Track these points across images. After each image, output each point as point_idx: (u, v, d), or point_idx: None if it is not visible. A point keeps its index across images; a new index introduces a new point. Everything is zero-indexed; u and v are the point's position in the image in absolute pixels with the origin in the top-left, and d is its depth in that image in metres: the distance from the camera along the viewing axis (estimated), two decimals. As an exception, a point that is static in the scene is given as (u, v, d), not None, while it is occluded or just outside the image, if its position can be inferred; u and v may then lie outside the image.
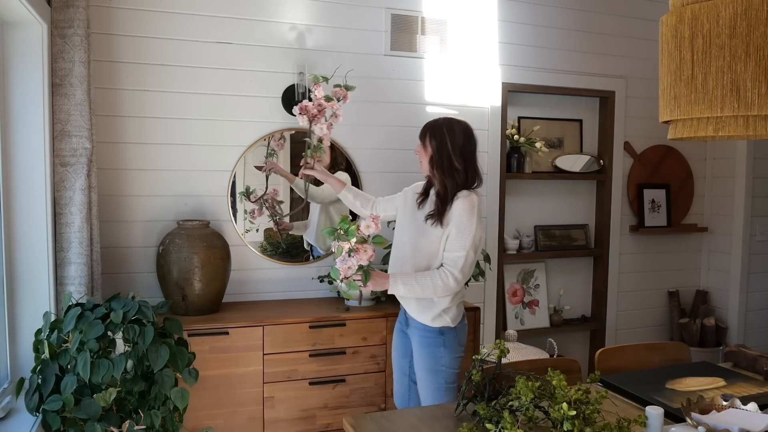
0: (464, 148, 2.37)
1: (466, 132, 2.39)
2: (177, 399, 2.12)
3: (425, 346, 2.38)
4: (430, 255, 2.35)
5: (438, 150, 2.36)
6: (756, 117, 1.40)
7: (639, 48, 3.95)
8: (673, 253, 4.22)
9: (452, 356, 2.38)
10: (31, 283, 2.29)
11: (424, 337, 2.39)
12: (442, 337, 2.37)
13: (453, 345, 2.38)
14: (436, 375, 2.37)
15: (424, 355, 2.38)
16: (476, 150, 2.42)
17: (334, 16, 3.21)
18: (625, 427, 1.58)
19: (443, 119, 2.43)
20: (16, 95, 2.24)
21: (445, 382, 2.37)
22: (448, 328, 2.37)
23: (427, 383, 2.39)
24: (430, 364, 2.38)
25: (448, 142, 2.35)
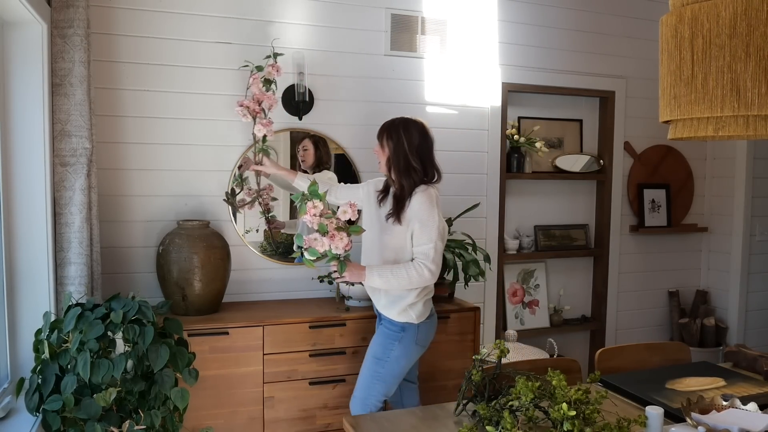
0: (420, 147, 2.44)
1: (421, 131, 2.46)
2: (177, 399, 2.12)
3: (384, 336, 2.49)
4: (395, 250, 2.43)
5: (394, 150, 2.43)
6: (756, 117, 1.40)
7: (639, 48, 3.95)
8: (673, 253, 4.22)
9: (402, 353, 2.46)
10: (31, 283, 2.29)
11: (386, 329, 2.48)
12: (402, 333, 2.45)
13: (409, 343, 2.46)
14: (378, 363, 2.47)
15: (378, 343, 2.49)
16: (433, 147, 2.49)
17: (334, 16, 3.21)
18: (625, 427, 1.58)
19: (400, 119, 2.49)
20: (16, 95, 2.24)
21: (385, 373, 2.46)
22: (410, 325, 2.45)
23: (366, 367, 2.51)
24: (378, 352, 2.47)
25: (405, 142, 2.42)
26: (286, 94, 3.13)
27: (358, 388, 2.53)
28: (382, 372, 2.47)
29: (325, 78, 3.20)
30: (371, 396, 2.49)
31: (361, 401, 2.50)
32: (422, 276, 2.34)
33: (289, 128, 3.15)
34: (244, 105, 2.76)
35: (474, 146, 3.55)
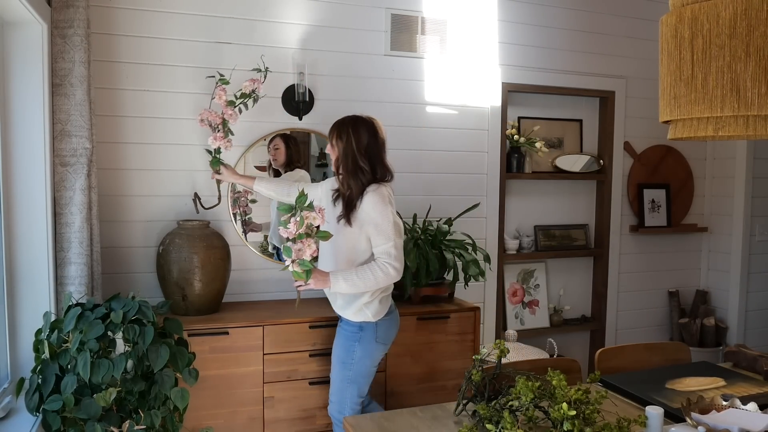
0: (369, 146, 2.41)
1: (371, 130, 2.43)
2: (177, 399, 2.12)
3: (344, 338, 2.50)
4: (348, 251, 2.42)
5: (343, 150, 2.41)
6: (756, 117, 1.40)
7: (639, 48, 3.95)
8: (673, 253, 4.22)
9: (365, 352, 2.47)
10: (31, 283, 2.29)
11: (344, 329, 2.51)
12: (360, 333, 2.46)
13: (369, 341, 2.46)
14: (344, 367, 2.48)
15: (340, 345, 2.50)
16: (384, 147, 2.47)
17: (334, 16, 3.21)
18: (625, 427, 1.58)
19: (350, 118, 2.46)
20: (16, 95, 2.24)
21: (353, 374, 2.48)
22: (367, 324, 2.45)
23: (335, 372, 2.53)
24: (342, 355, 2.48)
25: (353, 142, 2.39)
26: (286, 94, 3.13)
27: (332, 393, 2.55)
28: (350, 374, 2.48)
29: (325, 78, 3.20)
30: (346, 399, 2.51)
31: (337, 405, 2.52)
32: (388, 275, 2.33)
33: (289, 128, 3.15)
34: (205, 116, 2.74)
35: (474, 146, 3.55)
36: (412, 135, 3.41)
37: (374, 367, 2.53)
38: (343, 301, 2.46)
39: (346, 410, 2.50)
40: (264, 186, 2.77)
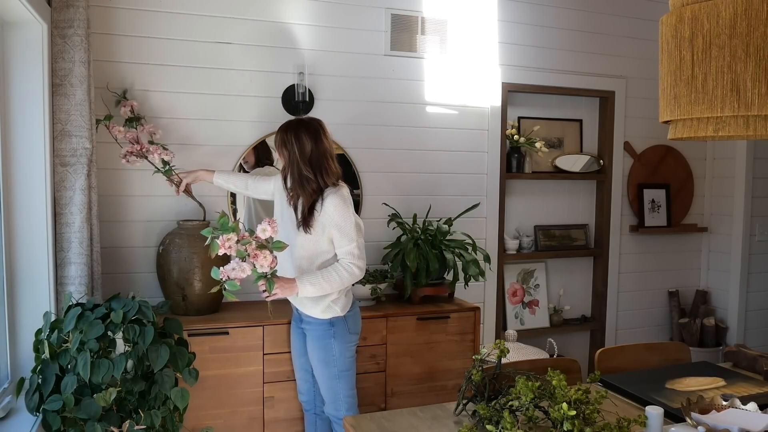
0: (312, 154, 2.38)
1: (314, 135, 2.40)
2: (177, 399, 2.12)
3: (317, 339, 2.49)
4: (308, 251, 2.42)
5: (288, 160, 2.41)
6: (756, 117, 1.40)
7: (639, 48, 3.95)
8: (673, 253, 4.22)
9: (343, 345, 2.48)
10: (31, 283, 2.29)
11: (316, 330, 2.49)
12: (333, 328, 2.47)
13: (343, 334, 2.48)
14: (328, 365, 2.48)
15: (317, 347, 2.49)
16: (328, 150, 2.42)
17: (334, 16, 3.21)
18: (625, 427, 1.58)
19: (293, 124, 2.43)
20: (16, 95, 2.24)
21: (338, 370, 2.48)
22: (338, 319, 2.47)
23: (321, 373, 2.51)
24: (322, 355, 2.48)
25: (296, 152, 2.38)
26: (286, 94, 3.13)
27: (324, 394, 2.54)
28: (335, 371, 2.49)
29: (325, 78, 3.20)
30: (339, 395, 2.51)
31: (333, 404, 2.52)
32: (353, 274, 2.37)
33: (289, 128, 3.15)
34: (127, 154, 2.71)
35: (474, 146, 3.55)
36: (412, 135, 3.41)
37: (353, 357, 2.55)
38: (309, 300, 2.45)
39: (341, 407, 2.50)
40: (223, 179, 2.76)
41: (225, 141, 3.04)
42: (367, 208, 3.32)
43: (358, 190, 3.28)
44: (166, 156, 2.76)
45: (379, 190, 3.34)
